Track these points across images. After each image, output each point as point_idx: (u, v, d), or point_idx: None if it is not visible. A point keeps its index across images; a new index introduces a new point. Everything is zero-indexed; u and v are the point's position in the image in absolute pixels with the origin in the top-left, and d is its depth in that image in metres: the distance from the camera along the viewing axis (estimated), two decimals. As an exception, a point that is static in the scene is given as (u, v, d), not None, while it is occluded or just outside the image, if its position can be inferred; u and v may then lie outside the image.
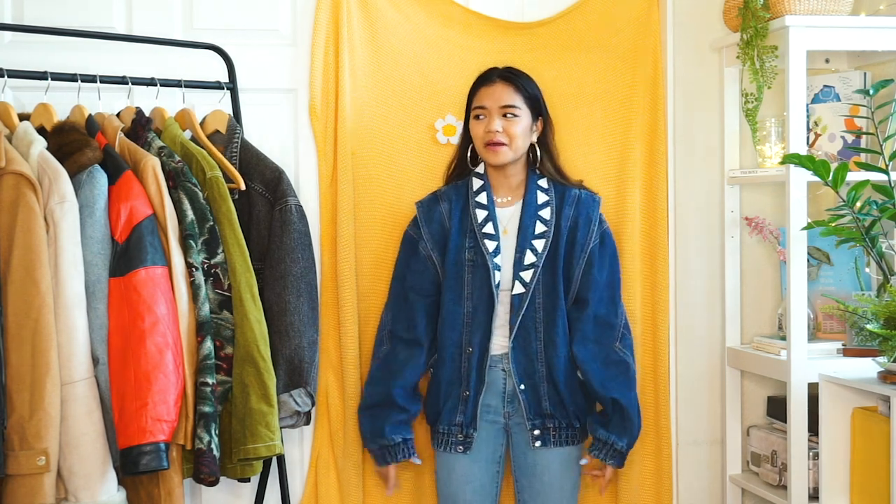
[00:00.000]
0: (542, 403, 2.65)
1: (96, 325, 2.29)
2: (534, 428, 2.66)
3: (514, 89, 2.66)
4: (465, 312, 2.65)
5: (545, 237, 2.65)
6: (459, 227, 2.68)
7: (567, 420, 2.67)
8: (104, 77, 2.56)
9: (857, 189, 2.56)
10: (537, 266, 2.63)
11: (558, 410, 2.66)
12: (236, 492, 2.87)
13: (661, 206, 2.98)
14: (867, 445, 2.55)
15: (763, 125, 2.93)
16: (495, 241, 2.65)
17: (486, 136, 2.63)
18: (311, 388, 2.57)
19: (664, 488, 2.99)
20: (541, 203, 2.68)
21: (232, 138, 2.68)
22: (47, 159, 2.30)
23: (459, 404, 2.66)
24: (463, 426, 2.66)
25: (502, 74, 2.69)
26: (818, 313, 2.96)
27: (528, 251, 2.64)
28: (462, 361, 2.65)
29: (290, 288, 2.57)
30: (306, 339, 2.57)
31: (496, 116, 2.63)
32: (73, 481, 2.22)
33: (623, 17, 3.00)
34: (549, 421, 2.66)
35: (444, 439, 2.68)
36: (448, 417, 2.67)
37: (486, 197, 2.69)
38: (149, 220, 2.34)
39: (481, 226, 2.66)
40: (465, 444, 2.66)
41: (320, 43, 2.88)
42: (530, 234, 2.65)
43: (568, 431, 2.68)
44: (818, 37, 2.77)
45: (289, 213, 2.60)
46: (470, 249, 2.66)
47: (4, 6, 2.75)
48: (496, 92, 2.65)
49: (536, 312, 2.64)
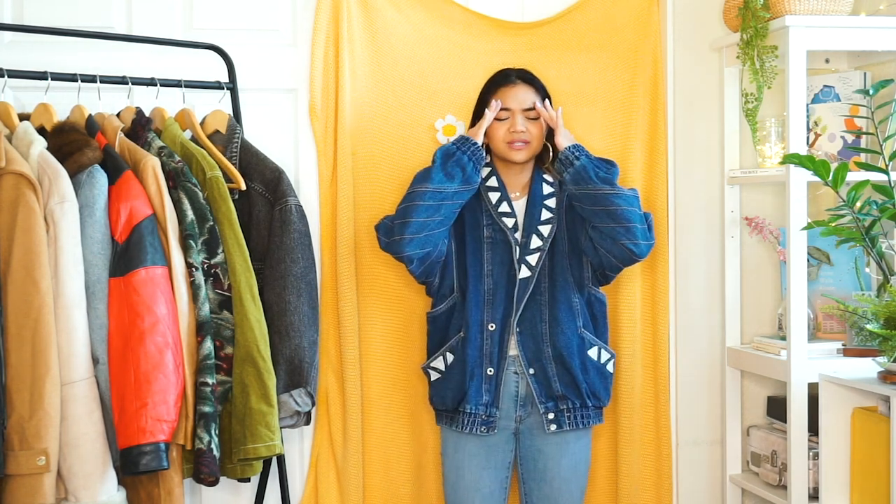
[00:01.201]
0: (552, 385, 2.66)
1: (96, 325, 2.29)
2: (547, 411, 2.66)
3: (534, 91, 2.71)
4: (486, 289, 2.67)
5: (551, 223, 2.69)
6: (474, 208, 2.71)
7: (581, 400, 2.67)
8: (104, 77, 2.56)
9: (857, 189, 2.56)
10: (543, 250, 2.67)
11: (570, 391, 2.67)
12: (236, 492, 2.87)
13: (661, 206, 2.98)
14: (867, 445, 2.55)
15: (763, 125, 2.93)
16: (513, 219, 2.69)
17: (510, 136, 2.67)
18: (312, 387, 2.57)
19: (664, 488, 2.99)
20: (546, 194, 2.72)
21: (232, 138, 2.68)
22: (47, 159, 2.30)
23: (484, 383, 2.66)
24: (487, 406, 2.66)
25: (521, 76, 2.72)
26: (818, 313, 2.96)
27: (534, 236, 2.68)
28: (484, 339, 2.65)
29: (291, 288, 2.57)
30: (306, 339, 2.57)
31: (520, 117, 2.67)
32: (73, 481, 2.22)
33: (623, 17, 3.00)
34: (562, 402, 2.67)
35: (470, 420, 2.66)
36: (475, 397, 2.65)
37: (496, 181, 2.72)
38: (149, 220, 2.34)
39: (496, 206, 2.70)
40: (489, 425, 2.66)
41: (320, 43, 2.88)
42: (536, 220, 2.69)
43: (583, 411, 2.68)
44: (818, 37, 2.77)
45: (289, 213, 2.60)
46: (488, 227, 2.69)
47: (4, 6, 2.75)
48: (519, 93, 2.69)
49: (542, 295, 2.67)
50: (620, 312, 2.95)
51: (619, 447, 2.97)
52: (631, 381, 2.95)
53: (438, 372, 2.72)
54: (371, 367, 2.90)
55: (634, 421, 2.95)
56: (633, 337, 2.95)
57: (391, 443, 2.93)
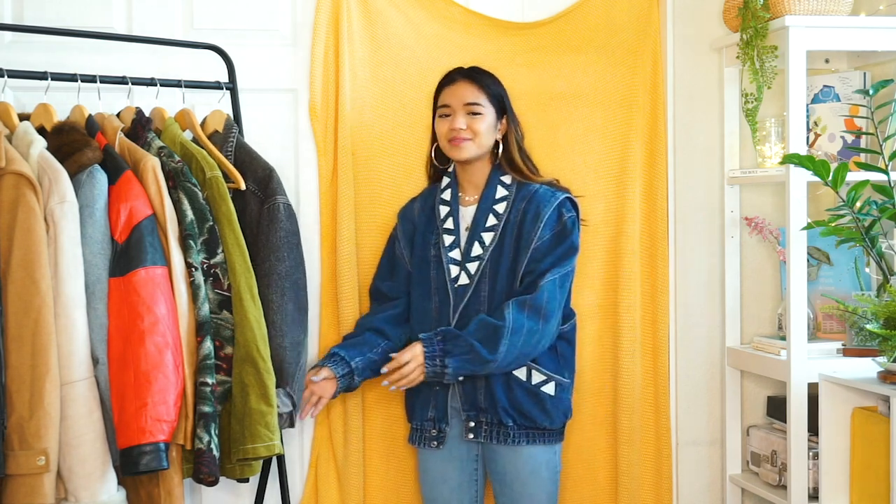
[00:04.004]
0: (476, 396, 2.65)
1: (96, 325, 2.29)
2: (468, 419, 2.66)
3: (477, 87, 2.67)
4: (433, 308, 2.67)
5: (494, 230, 2.65)
6: (427, 225, 2.72)
7: (498, 417, 2.63)
8: (104, 77, 2.56)
9: (856, 189, 2.56)
10: (483, 259, 2.64)
11: (489, 405, 2.63)
12: (236, 492, 2.87)
13: (661, 206, 2.98)
14: (867, 445, 2.55)
15: (763, 125, 2.93)
16: (453, 236, 2.68)
17: (449, 133, 2.65)
18: (294, 388, 2.56)
19: (664, 488, 2.99)
20: (498, 198, 2.68)
21: (228, 137, 2.67)
22: (47, 159, 2.30)
23: (431, 399, 2.68)
24: (435, 421, 2.68)
25: (465, 73, 2.71)
26: (818, 313, 2.96)
27: (476, 243, 2.66)
28: None
29: (274, 286, 2.55)
30: (288, 339, 2.55)
31: (460, 114, 2.65)
32: (73, 481, 2.22)
33: (623, 17, 3.00)
34: (482, 415, 2.65)
35: (419, 435, 2.71)
36: (421, 413, 2.69)
37: (450, 194, 2.72)
38: (149, 221, 2.34)
39: (443, 221, 2.70)
40: (439, 440, 2.68)
41: (320, 43, 2.88)
42: (481, 226, 2.67)
43: (498, 428, 2.64)
44: (818, 37, 2.78)
45: (276, 212, 2.58)
46: (434, 245, 2.70)
47: (4, 6, 2.75)
48: (459, 90, 2.67)
49: (481, 305, 2.64)
50: (620, 313, 2.95)
51: (619, 447, 2.97)
52: (631, 381, 2.95)
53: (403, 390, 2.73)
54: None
55: (634, 421, 2.95)
56: (633, 337, 2.95)
57: (391, 443, 2.93)
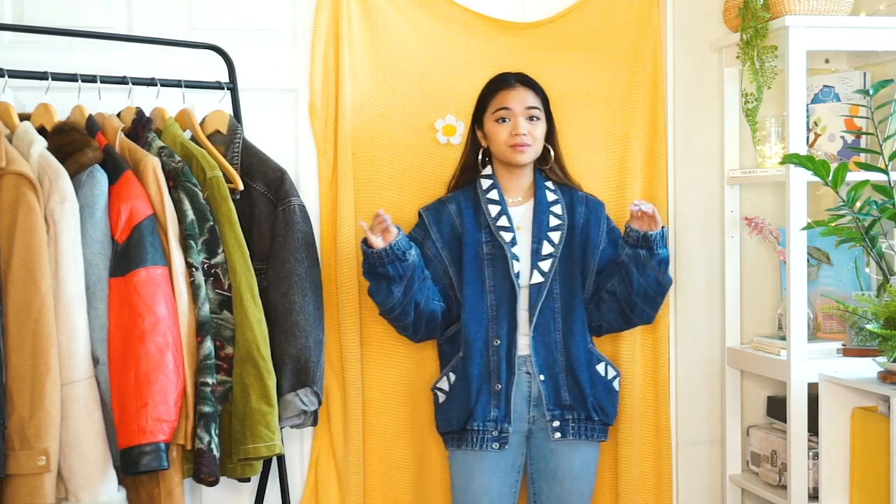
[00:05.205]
0: (561, 394, 2.66)
1: (96, 325, 2.29)
2: (553, 419, 2.66)
3: (534, 93, 2.70)
4: (489, 305, 2.66)
5: (560, 230, 2.69)
6: (474, 224, 2.70)
7: (586, 412, 2.67)
8: (104, 77, 2.56)
9: (856, 189, 2.56)
10: (555, 256, 2.67)
11: (577, 402, 2.67)
12: (236, 492, 2.87)
13: (662, 206, 2.98)
14: (867, 445, 2.55)
15: (763, 125, 2.93)
16: (511, 233, 2.67)
17: (512, 139, 2.66)
18: (318, 387, 2.57)
19: (664, 488, 3.00)
20: (551, 201, 2.72)
21: (233, 139, 2.68)
22: (48, 159, 2.30)
23: (492, 399, 2.64)
24: (497, 421, 2.64)
25: (521, 79, 2.72)
26: (818, 313, 2.96)
27: (544, 242, 2.68)
28: (490, 355, 2.64)
29: (296, 287, 2.57)
30: (312, 338, 2.57)
31: (521, 119, 2.66)
32: (74, 481, 2.22)
33: (623, 17, 3.00)
34: (569, 412, 2.67)
35: (479, 437, 2.64)
36: (482, 413, 2.63)
37: (497, 194, 2.71)
38: (149, 221, 2.34)
39: (495, 219, 2.69)
40: (501, 441, 2.64)
41: (320, 43, 2.88)
42: (545, 226, 2.69)
43: (587, 423, 2.68)
44: (818, 37, 2.78)
45: (292, 214, 2.60)
46: (487, 244, 2.68)
47: (4, 6, 2.75)
48: (520, 95, 2.68)
49: (555, 302, 2.67)
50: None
51: (619, 447, 2.96)
52: (631, 381, 2.95)
53: (444, 392, 2.72)
54: (371, 367, 2.90)
55: (634, 421, 2.95)
56: (633, 337, 2.95)
57: (391, 443, 2.93)
